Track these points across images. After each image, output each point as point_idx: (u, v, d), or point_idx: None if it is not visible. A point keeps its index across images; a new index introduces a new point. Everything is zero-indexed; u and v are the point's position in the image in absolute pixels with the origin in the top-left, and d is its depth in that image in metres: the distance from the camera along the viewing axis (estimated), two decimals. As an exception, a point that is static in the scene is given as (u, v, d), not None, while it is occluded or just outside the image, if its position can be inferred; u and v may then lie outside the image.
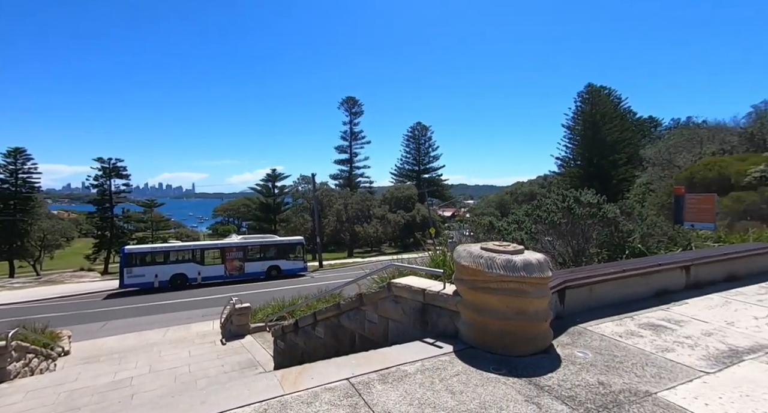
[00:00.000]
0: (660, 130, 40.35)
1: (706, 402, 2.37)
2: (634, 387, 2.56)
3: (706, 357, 3.02)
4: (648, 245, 7.17)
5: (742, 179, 11.89)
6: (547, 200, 7.70)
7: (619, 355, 3.07)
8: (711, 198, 9.02)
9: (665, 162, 24.64)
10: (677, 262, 5.24)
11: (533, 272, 3.05)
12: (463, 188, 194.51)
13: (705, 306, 4.41)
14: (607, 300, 4.52)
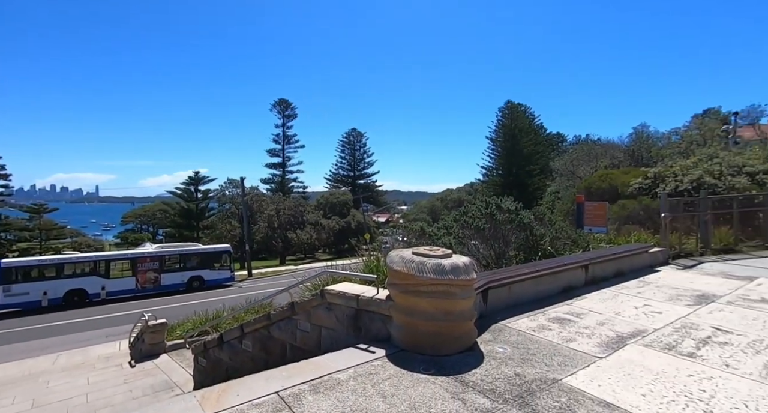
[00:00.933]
0: (565, 145, 46.10)
1: (599, 384, 2.74)
2: (544, 376, 2.86)
3: (600, 344, 3.49)
4: (556, 247, 8.08)
5: (626, 189, 14.09)
6: (472, 207, 8.27)
7: (533, 348, 3.40)
8: (604, 205, 10.50)
9: (569, 173, 28.08)
10: (579, 262, 5.99)
11: (460, 275, 3.25)
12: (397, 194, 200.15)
13: (599, 299, 5.09)
14: (523, 298, 4.98)
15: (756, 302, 4.84)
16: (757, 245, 9.00)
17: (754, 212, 9.66)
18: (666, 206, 8.37)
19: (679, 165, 13.62)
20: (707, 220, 8.82)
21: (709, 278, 6.21)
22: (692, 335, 3.73)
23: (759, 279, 6.02)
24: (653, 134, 29.80)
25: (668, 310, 4.54)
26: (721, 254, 8.36)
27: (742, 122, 31.04)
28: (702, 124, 23.81)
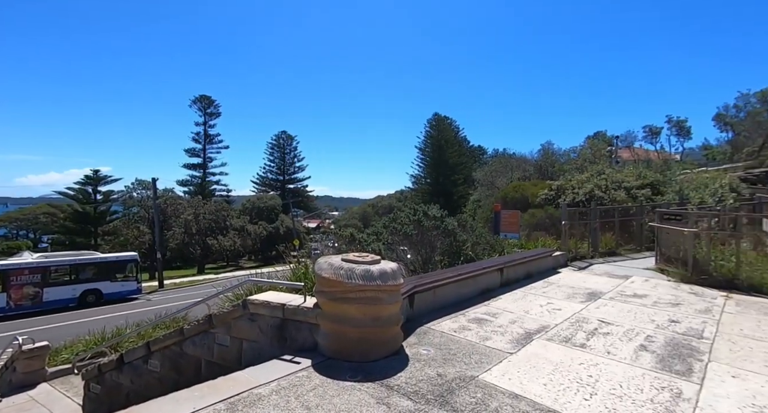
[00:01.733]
0: (486, 157, 50.36)
1: (509, 378, 3.01)
2: (463, 374, 3.04)
3: (511, 341, 3.84)
4: (477, 252, 8.71)
5: (535, 199, 15.87)
6: (401, 214, 8.54)
7: (454, 348, 3.61)
8: (516, 214, 11.66)
9: (489, 183, 30.62)
10: (496, 265, 6.53)
11: (388, 281, 3.33)
12: (328, 200, 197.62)
13: (512, 300, 5.60)
14: (447, 301, 5.26)
15: (630, 297, 5.77)
16: (632, 248, 10.73)
17: (630, 220, 11.53)
18: (566, 215, 9.58)
19: (576, 179, 15.71)
20: (596, 227, 10.29)
21: (597, 278, 7.22)
22: (584, 328, 4.30)
23: (632, 278, 7.18)
24: (557, 151, 34.05)
25: (566, 307, 5.18)
26: (606, 257, 9.79)
27: (621, 145, 37.12)
28: (593, 144, 27.86)
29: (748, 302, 5.52)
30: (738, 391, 2.86)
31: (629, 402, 2.66)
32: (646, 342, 3.87)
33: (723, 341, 3.91)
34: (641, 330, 4.24)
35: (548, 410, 2.54)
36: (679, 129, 35.37)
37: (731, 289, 6.17)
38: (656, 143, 37.09)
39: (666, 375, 3.10)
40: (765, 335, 4.11)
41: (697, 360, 3.41)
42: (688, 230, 7.06)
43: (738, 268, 6.39)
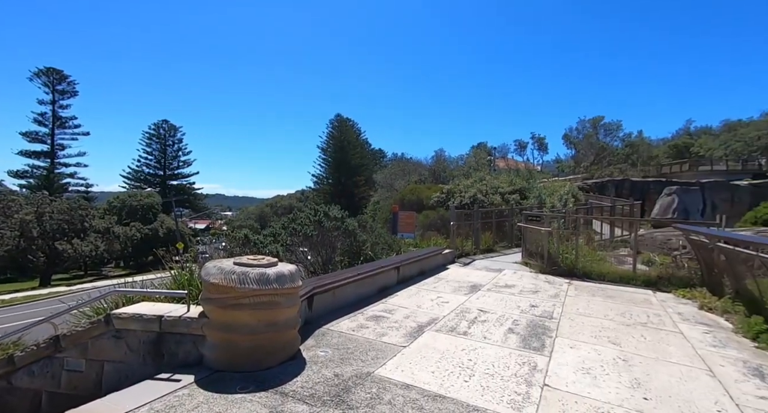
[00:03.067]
0: (386, 160, 52.69)
1: (402, 370, 3.20)
2: (360, 371, 3.12)
3: (405, 335, 4.09)
4: (376, 251, 9.03)
5: (429, 201, 17.24)
6: (301, 214, 8.33)
7: (351, 347, 3.67)
8: (412, 215, 12.48)
9: (389, 185, 32.06)
10: (393, 264, 6.86)
11: (285, 283, 3.21)
12: (220, 199, 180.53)
13: (407, 296, 5.96)
14: (347, 300, 5.32)
15: (502, 287, 6.70)
16: (505, 245, 12.48)
17: (503, 221, 13.39)
18: (454, 216, 10.62)
19: (463, 184, 17.55)
20: (478, 227, 11.67)
21: (478, 272, 8.19)
22: (466, 317, 4.83)
23: (504, 271, 8.34)
24: (448, 158, 37.58)
25: (453, 300, 5.74)
26: (485, 253, 11.17)
27: (498, 155, 42.95)
28: (477, 154, 31.57)
29: (582, 286, 6.94)
30: (573, 358, 3.57)
31: (498, 379, 3.09)
32: (513, 325, 4.54)
33: (565, 319, 4.84)
34: (510, 315, 4.96)
35: (435, 395, 2.78)
36: (539, 144, 42.58)
37: (572, 277, 7.67)
38: (523, 155, 43.97)
39: (526, 352, 3.69)
40: (592, 312, 5.22)
41: (548, 337, 4.15)
42: (544, 229, 8.53)
43: (576, 260, 7.98)
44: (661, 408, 2.71)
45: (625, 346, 3.94)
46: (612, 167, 33.31)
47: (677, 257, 7.78)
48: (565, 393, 2.89)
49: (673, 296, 6.31)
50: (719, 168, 28.56)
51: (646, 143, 39.46)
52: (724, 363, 3.56)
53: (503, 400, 2.74)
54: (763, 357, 3.75)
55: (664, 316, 5.10)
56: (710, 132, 37.92)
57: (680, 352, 3.82)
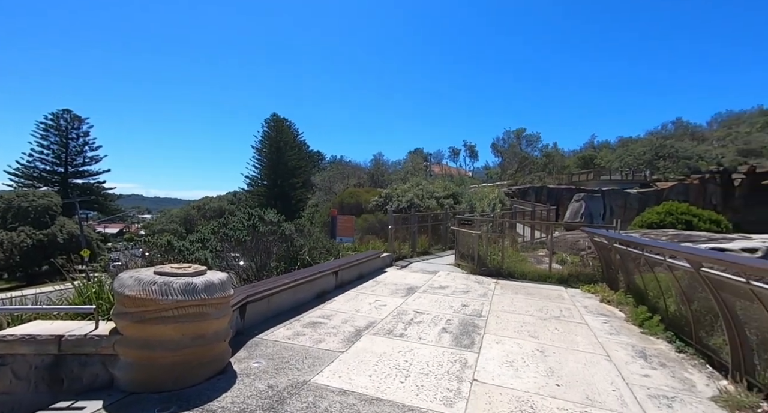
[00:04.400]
0: (324, 163, 52.04)
1: (339, 376, 3.19)
2: (295, 381, 3.04)
3: (343, 340, 4.08)
4: (314, 256, 8.86)
5: (368, 205, 17.38)
6: (234, 218, 7.87)
7: (287, 355, 3.56)
8: (351, 218, 12.49)
9: (327, 188, 31.68)
10: (331, 268, 6.79)
11: (215, 293, 3.01)
12: (138, 200, 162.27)
13: (345, 300, 5.94)
14: (283, 308, 5.14)
15: (437, 288, 7.01)
16: (440, 248, 13.06)
17: (438, 225, 14.03)
18: (392, 220, 10.85)
19: (401, 188, 18.02)
20: (415, 231, 12.06)
21: (414, 275, 8.46)
22: (403, 319, 4.97)
23: (439, 272, 8.74)
24: (387, 162, 38.28)
25: (391, 302, 5.86)
26: (422, 256, 11.58)
27: (434, 160, 44.90)
28: (414, 159, 32.66)
29: (508, 285, 7.54)
30: (499, 353, 3.87)
31: (433, 377, 3.23)
32: (446, 325, 4.78)
33: (493, 316, 5.22)
34: (444, 315, 5.21)
35: (372, 398, 2.81)
36: (470, 152, 45.42)
37: (499, 276, 8.30)
38: (457, 161, 46.51)
39: (458, 350, 3.91)
40: (515, 309, 5.71)
41: (477, 334, 4.44)
42: (474, 233, 9.12)
43: (503, 260, 8.66)
44: (570, 392, 3.06)
45: (542, 338, 4.36)
46: (532, 175, 36.79)
47: (584, 256, 8.83)
48: (491, 386, 3.12)
49: (580, 291, 7.14)
50: (616, 178, 33.13)
51: (560, 154, 44.30)
52: (618, 349, 4.13)
53: (437, 398, 2.88)
54: (646, 341, 4.43)
55: (573, 310, 5.76)
56: (609, 146, 43.86)
57: (585, 341, 4.35)
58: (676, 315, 4.40)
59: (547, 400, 2.91)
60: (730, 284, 3.01)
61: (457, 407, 2.75)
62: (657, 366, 3.66)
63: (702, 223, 11.54)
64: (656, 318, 4.79)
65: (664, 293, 4.70)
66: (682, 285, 4.09)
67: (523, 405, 2.82)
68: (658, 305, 4.87)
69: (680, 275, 4.05)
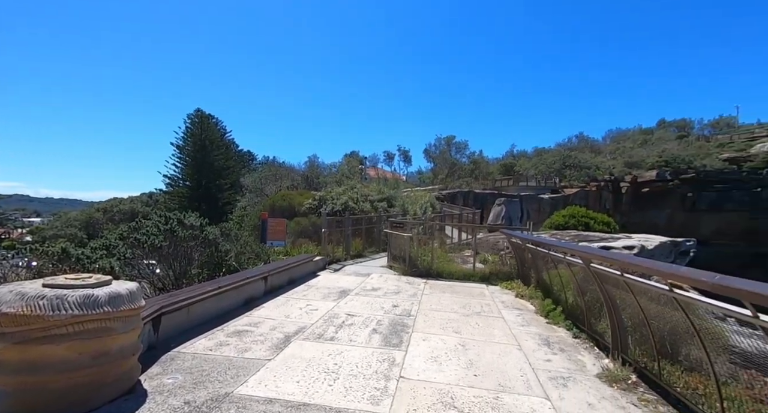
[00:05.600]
0: (255, 163, 49.48)
1: (266, 384, 3.09)
2: (216, 394, 2.87)
3: (271, 347, 3.95)
4: (241, 261, 8.40)
5: (301, 208, 16.96)
6: (148, 222, 7.14)
7: (208, 368, 3.34)
8: (283, 222, 12.08)
9: (258, 190, 30.23)
10: (260, 274, 6.51)
11: (122, 305, 2.73)
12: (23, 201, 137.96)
13: (275, 306, 5.75)
14: (205, 317, 4.79)
15: (369, 291, 7.11)
16: (374, 250, 13.26)
17: (372, 228, 14.24)
18: (326, 223, 10.75)
19: (335, 191, 17.92)
20: (349, 234, 12.09)
21: (348, 278, 8.48)
22: (334, 322, 4.96)
23: (372, 275, 8.88)
24: (321, 164, 37.74)
25: (322, 306, 5.81)
26: (356, 258, 11.65)
27: (369, 164, 45.42)
28: (349, 162, 32.70)
29: (436, 285, 7.95)
30: (425, 349, 4.08)
31: (361, 378, 3.29)
32: (377, 326, 4.88)
33: (421, 315, 5.47)
34: (375, 316, 5.31)
35: (299, 404, 2.78)
36: (404, 157, 46.88)
37: (429, 277, 8.70)
38: (391, 165, 47.63)
39: (387, 349, 4.03)
40: (442, 307, 6.04)
41: (406, 333, 4.62)
42: (406, 235, 9.45)
43: (432, 261, 9.09)
44: (485, 381, 3.35)
45: (464, 333, 4.69)
46: (461, 180, 39.19)
47: (503, 256, 9.67)
48: (416, 382, 3.27)
49: (499, 288, 7.81)
50: (532, 184, 36.83)
51: (485, 161, 47.88)
52: (528, 338, 4.61)
53: (364, 397, 2.94)
54: (550, 330, 5.01)
55: (492, 305, 6.28)
56: (526, 155, 48.64)
57: (501, 333, 4.78)
58: (574, 306, 5.05)
59: (466, 390, 3.15)
60: (611, 278, 3.56)
61: (384, 404, 2.84)
62: (557, 352, 4.17)
63: (597, 225, 13.36)
64: (559, 309, 5.44)
65: (565, 287, 5.36)
66: (578, 280, 4.71)
67: (444, 397, 3.01)
68: (561, 298, 5.54)
69: (577, 271, 4.66)
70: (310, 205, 16.92)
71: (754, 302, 1.92)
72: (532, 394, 3.13)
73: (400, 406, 2.83)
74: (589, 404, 3.00)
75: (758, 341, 2.11)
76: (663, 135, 39.94)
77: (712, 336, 2.54)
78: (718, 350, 2.53)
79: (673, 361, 3.05)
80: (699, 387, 2.69)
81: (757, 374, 2.38)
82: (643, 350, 3.41)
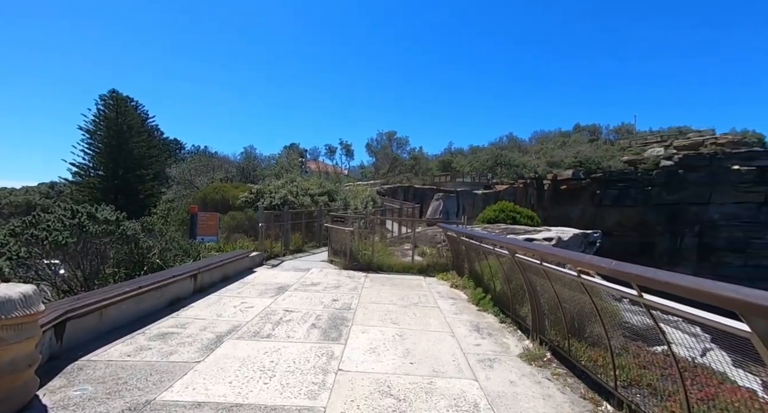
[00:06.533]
0: (183, 152, 45.49)
1: (194, 388, 2.90)
2: (135, 402, 2.63)
3: (200, 349, 3.71)
4: (166, 259, 7.71)
5: (236, 201, 16.03)
6: (50, 216, 6.22)
7: (125, 376, 3.04)
8: (215, 216, 11.33)
9: (187, 182, 27.91)
10: (188, 272, 6.05)
11: (13, 311, 2.36)
12: None
13: (205, 306, 5.39)
14: (122, 321, 4.34)
15: (309, 286, 7.00)
16: (314, 245, 13.04)
17: (313, 222, 13.98)
18: (263, 218, 10.30)
19: (274, 185, 17.24)
20: (288, 228, 11.73)
21: (286, 273, 8.24)
22: (271, 319, 4.80)
23: (312, 270, 8.73)
24: (259, 156, 35.96)
25: (258, 303, 5.58)
26: (295, 253, 11.35)
27: (310, 157, 44.40)
28: (289, 154, 31.61)
29: (377, 278, 8.07)
30: (364, 342, 4.14)
31: (299, 374, 3.24)
32: (316, 320, 4.83)
33: (361, 308, 5.52)
34: (314, 311, 5.25)
35: (232, 405, 2.65)
36: (346, 151, 46.58)
37: (369, 270, 8.80)
38: (333, 159, 47.04)
39: (326, 344, 4.01)
40: (381, 299, 6.16)
41: (345, 327, 4.63)
42: (347, 229, 9.43)
43: (373, 255, 9.21)
44: (420, 368, 3.50)
45: (402, 324, 4.84)
46: (402, 176, 40.04)
47: (440, 248, 10.13)
48: (354, 374, 3.31)
49: (436, 279, 8.17)
50: (467, 180, 38.96)
51: (425, 158, 49.45)
52: (460, 325, 4.91)
53: (301, 393, 2.90)
54: (480, 317, 5.39)
55: (429, 296, 6.56)
56: (462, 153, 51.19)
57: (436, 322, 5.02)
58: (501, 294, 5.48)
59: (402, 378, 3.26)
60: (533, 266, 3.93)
61: (321, 398, 2.84)
62: (486, 336, 4.50)
63: (522, 218, 14.59)
64: (488, 297, 5.86)
65: (494, 276, 5.79)
66: (505, 269, 5.11)
67: (381, 386, 3.09)
68: (490, 287, 5.98)
69: (505, 262, 5.05)
70: (247, 198, 16.09)
71: (639, 284, 2.27)
72: (463, 377, 3.35)
73: (338, 398, 2.84)
74: (511, 381, 3.29)
75: (643, 317, 2.49)
76: (578, 138, 44.73)
77: (610, 314, 2.94)
78: (614, 327, 2.94)
79: (581, 338, 3.47)
80: (599, 360, 3.09)
81: (642, 344, 2.80)
82: (557, 330, 3.82)
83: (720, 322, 1.81)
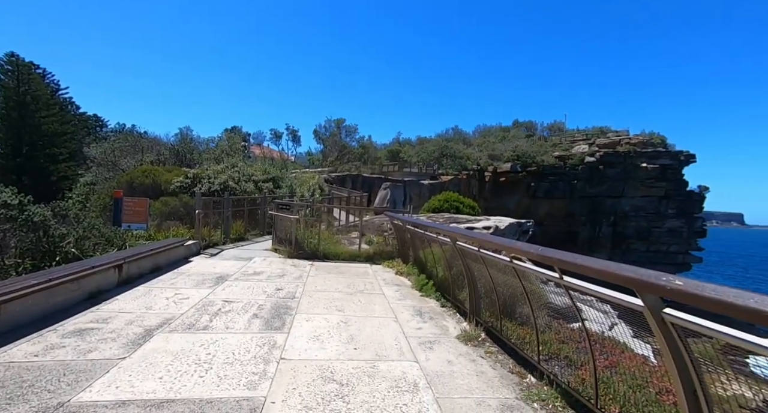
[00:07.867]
0: (106, 131, 40.62)
1: (117, 386, 2.67)
2: (44, 406, 2.35)
3: (125, 344, 3.41)
4: (84, 248, 6.91)
5: (170, 186, 14.75)
6: (-71, 197, 5.23)
7: (31, 378, 2.70)
8: (144, 201, 10.35)
9: (110, 164, 25.06)
10: (110, 262, 5.49)
11: None
12: None
13: (132, 298, 4.95)
14: (26, 318, 3.83)
15: (251, 275, 6.73)
16: (257, 233, 12.52)
17: (256, 209, 13.39)
18: (200, 204, 9.63)
19: (213, 169, 16.16)
20: (229, 216, 11.11)
21: (226, 263, 7.83)
22: (209, 310, 4.55)
23: (254, 259, 8.40)
24: (196, 138, 33.33)
25: (194, 294, 5.25)
26: (236, 242, 10.82)
27: (254, 141, 42.21)
28: (230, 137, 29.75)
29: (323, 266, 7.99)
30: (308, 330, 4.10)
31: (238, 365, 3.12)
32: (258, 310, 4.67)
33: (305, 297, 5.45)
34: (256, 301, 5.07)
35: (162, 401, 2.49)
36: (293, 136, 44.98)
37: (315, 258, 8.68)
38: (279, 144, 45.19)
39: (268, 333, 3.91)
40: (327, 287, 6.13)
41: (289, 315, 4.54)
42: (293, 217, 9.18)
43: (319, 243, 9.09)
44: (364, 353, 3.56)
45: (347, 311, 4.87)
46: (350, 164, 39.71)
47: (386, 236, 10.28)
48: (297, 362, 3.28)
49: (382, 267, 8.31)
50: (414, 171, 39.82)
51: (374, 147, 49.46)
52: (404, 311, 5.06)
53: (240, 384, 2.80)
54: (423, 302, 5.60)
55: (375, 283, 6.66)
56: (410, 143, 52.03)
57: (381, 308, 5.12)
58: (443, 279, 5.74)
59: (345, 363, 3.29)
60: (472, 253, 4.15)
61: (261, 387, 2.77)
62: (427, 320, 4.70)
63: (465, 208, 15.31)
64: (431, 283, 6.10)
65: (437, 263, 6.03)
66: (447, 256, 5.34)
67: (325, 372, 3.09)
68: (433, 273, 6.22)
69: (447, 249, 5.27)
70: (182, 183, 14.90)
71: (560, 267, 2.52)
72: (404, 359, 3.47)
73: (279, 387, 2.80)
74: (449, 361, 3.48)
75: (564, 297, 2.76)
76: (516, 133, 47.66)
77: (537, 296, 3.22)
78: (540, 307, 3.23)
79: (512, 319, 3.76)
80: (526, 337, 3.38)
81: (563, 322, 3.12)
82: (491, 312, 4.10)
83: (623, 299, 2.07)
